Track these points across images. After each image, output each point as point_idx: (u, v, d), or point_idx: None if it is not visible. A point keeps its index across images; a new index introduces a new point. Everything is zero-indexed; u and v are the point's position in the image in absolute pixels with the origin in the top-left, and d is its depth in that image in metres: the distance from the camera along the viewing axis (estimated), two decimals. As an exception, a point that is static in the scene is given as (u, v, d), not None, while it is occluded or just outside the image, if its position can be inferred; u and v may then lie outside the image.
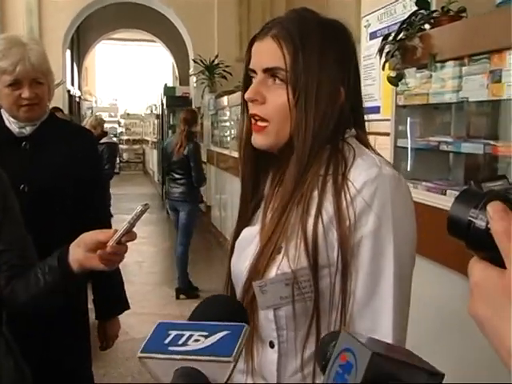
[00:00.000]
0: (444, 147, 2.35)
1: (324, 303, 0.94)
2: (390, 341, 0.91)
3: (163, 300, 5.38)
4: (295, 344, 0.96)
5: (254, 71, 1.02)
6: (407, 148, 2.69)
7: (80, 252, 1.17)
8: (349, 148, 1.00)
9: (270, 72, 0.99)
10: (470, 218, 0.51)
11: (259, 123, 1.01)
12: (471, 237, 0.51)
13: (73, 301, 1.45)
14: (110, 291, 1.99)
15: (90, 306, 2.03)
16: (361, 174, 0.94)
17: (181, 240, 5.36)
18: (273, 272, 0.94)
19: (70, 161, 1.85)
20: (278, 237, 0.95)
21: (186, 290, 5.34)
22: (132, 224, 1.10)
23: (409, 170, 2.72)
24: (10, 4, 8.45)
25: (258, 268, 0.96)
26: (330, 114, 0.98)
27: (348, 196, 0.93)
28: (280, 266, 0.94)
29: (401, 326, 0.94)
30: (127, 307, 2.09)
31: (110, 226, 1.88)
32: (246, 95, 1.01)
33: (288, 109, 0.97)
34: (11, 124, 1.82)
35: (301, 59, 0.96)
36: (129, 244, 1.14)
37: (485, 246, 0.50)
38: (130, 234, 1.12)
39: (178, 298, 5.33)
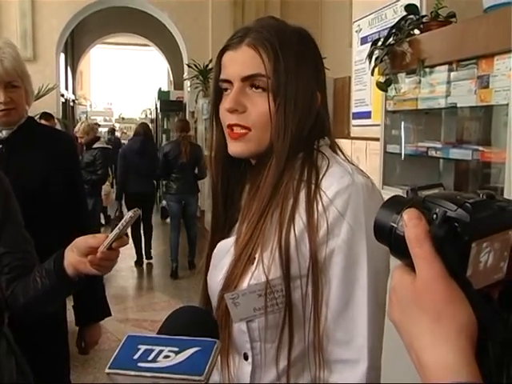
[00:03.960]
0: (433, 153, 2.34)
1: (297, 314, 0.92)
2: (365, 350, 0.90)
3: (156, 305, 5.35)
4: (269, 356, 0.95)
5: (229, 81, 1.00)
6: (397, 153, 2.68)
7: (73, 256, 1.19)
8: (322, 157, 0.99)
9: (250, 80, 0.97)
10: (391, 224, 0.52)
11: (238, 130, 0.98)
12: (393, 243, 0.52)
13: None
14: (91, 297, 1.95)
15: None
16: (333, 183, 0.93)
17: (191, 225, 6.43)
18: (246, 282, 0.92)
19: (46, 165, 1.82)
20: (253, 246, 0.94)
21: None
22: (122, 230, 1.10)
23: (398, 175, 2.71)
24: (3, 7, 8.42)
25: (232, 279, 0.94)
26: (308, 119, 0.98)
27: (320, 205, 0.92)
28: (253, 276, 0.92)
29: (376, 335, 0.93)
30: (108, 314, 2.05)
31: (93, 232, 1.86)
32: (227, 105, 0.98)
33: (269, 116, 0.96)
34: None
35: (281, 64, 0.95)
36: (123, 248, 1.14)
37: (405, 253, 0.50)
38: (121, 240, 1.12)
39: (192, 268, 6.14)
